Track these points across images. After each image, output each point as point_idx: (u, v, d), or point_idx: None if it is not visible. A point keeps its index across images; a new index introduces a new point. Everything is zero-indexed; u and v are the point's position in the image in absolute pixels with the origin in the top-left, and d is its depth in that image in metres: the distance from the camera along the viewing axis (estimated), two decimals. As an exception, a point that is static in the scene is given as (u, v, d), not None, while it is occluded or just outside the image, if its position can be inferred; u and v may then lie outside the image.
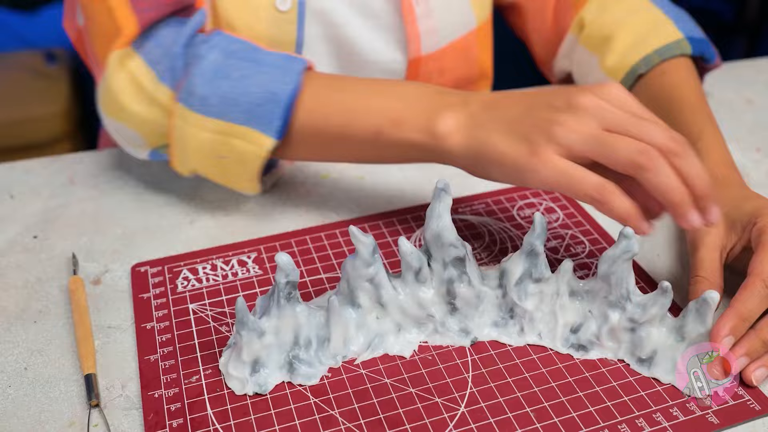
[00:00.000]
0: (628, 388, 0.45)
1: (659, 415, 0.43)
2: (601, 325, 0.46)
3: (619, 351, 0.46)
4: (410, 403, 0.44)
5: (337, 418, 0.43)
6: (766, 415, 0.43)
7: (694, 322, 0.44)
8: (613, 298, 0.45)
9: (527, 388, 0.45)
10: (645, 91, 0.65)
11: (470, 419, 0.43)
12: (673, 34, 0.66)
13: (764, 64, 0.86)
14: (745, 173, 0.65)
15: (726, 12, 1.93)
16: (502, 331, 0.48)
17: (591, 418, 0.43)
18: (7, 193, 0.63)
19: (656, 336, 0.45)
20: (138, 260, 0.55)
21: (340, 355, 0.46)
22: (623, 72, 0.67)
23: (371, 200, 0.62)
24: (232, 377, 0.44)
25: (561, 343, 0.47)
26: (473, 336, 0.47)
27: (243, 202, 0.62)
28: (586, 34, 0.71)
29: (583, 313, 0.47)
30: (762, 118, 0.74)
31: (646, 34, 0.67)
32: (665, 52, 0.65)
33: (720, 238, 0.50)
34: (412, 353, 0.47)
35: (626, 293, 0.45)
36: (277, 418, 0.43)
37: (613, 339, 0.46)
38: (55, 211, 0.61)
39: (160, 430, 0.42)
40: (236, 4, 0.61)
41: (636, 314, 0.45)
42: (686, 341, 0.45)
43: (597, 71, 0.70)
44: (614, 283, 0.45)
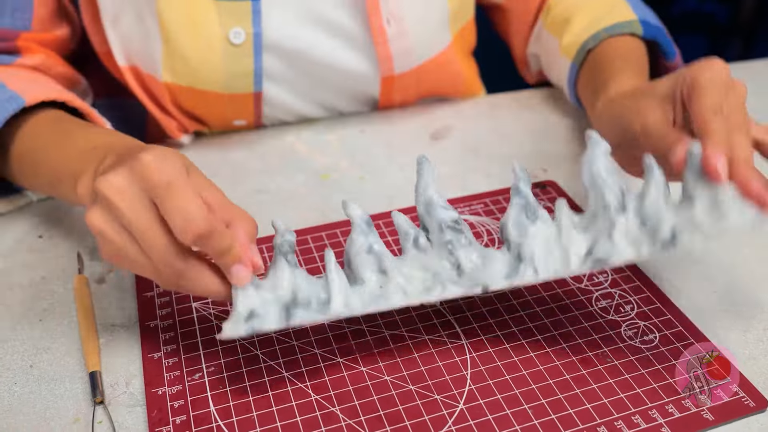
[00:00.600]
0: (624, 385, 0.45)
1: (655, 411, 0.43)
2: (613, 235, 0.44)
3: (641, 249, 0.43)
4: (410, 400, 0.44)
5: (337, 415, 0.43)
6: (760, 412, 0.43)
7: (692, 180, 0.43)
8: (611, 203, 0.43)
9: (525, 385, 0.45)
10: (588, 62, 0.65)
11: (469, 416, 0.43)
12: (627, 15, 0.66)
13: (759, 66, 0.86)
14: (740, 173, 0.65)
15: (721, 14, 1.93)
16: (515, 278, 0.45)
17: (588, 415, 0.43)
18: (13, 193, 0.63)
19: (666, 213, 0.43)
20: (142, 259, 0.55)
21: (342, 314, 0.44)
22: (575, 49, 0.67)
23: (371, 200, 0.62)
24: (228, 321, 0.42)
25: (578, 267, 0.44)
26: (483, 284, 0.44)
27: (243, 202, 0.62)
28: (550, 19, 0.71)
29: (593, 237, 0.44)
30: (757, 120, 0.74)
31: (602, 15, 0.67)
32: (614, 30, 0.65)
33: (664, 114, 0.48)
34: (411, 351, 0.47)
35: (620, 193, 0.44)
36: (279, 415, 0.43)
37: (630, 242, 0.44)
38: (60, 212, 0.61)
39: (164, 427, 0.42)
40: (189, 36, 0.61)
41: (639, 207, 0.43)
42: (694, 198, 0.43)
43: (557, 54, 0.70)
44: (602, 187, 0.43)
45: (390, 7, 0.65)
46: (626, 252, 0.43)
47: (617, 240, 0.43)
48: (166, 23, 0.61)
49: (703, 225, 0.42)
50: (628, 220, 0.43)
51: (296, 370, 0.46)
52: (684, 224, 0.42)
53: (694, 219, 0.42)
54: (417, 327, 0.49)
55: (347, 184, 0.64)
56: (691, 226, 0.42)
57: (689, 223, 0.42)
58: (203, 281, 0.41)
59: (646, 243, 0.43)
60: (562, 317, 0.50)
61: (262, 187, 0.64)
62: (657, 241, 0.43)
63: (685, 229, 0.42)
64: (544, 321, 0.49)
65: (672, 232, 0.42)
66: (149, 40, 0.62)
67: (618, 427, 0.42)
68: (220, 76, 0.64)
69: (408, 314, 0.50)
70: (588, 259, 0.44)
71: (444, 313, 0.50)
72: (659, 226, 0.43)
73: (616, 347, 0.47)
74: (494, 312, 0.50)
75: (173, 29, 0.61)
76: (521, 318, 0.49)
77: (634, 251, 0.43)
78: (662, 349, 0.47)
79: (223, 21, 0.61)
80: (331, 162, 0.67)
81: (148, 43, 0.63)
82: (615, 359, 0.46)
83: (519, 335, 0.48)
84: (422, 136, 0.71)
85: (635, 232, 0.43)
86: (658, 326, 0.49)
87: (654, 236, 0.43)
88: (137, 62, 0.65)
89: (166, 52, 0.62)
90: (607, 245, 0.43)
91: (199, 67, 0.63)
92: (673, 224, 0.43)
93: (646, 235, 0.43)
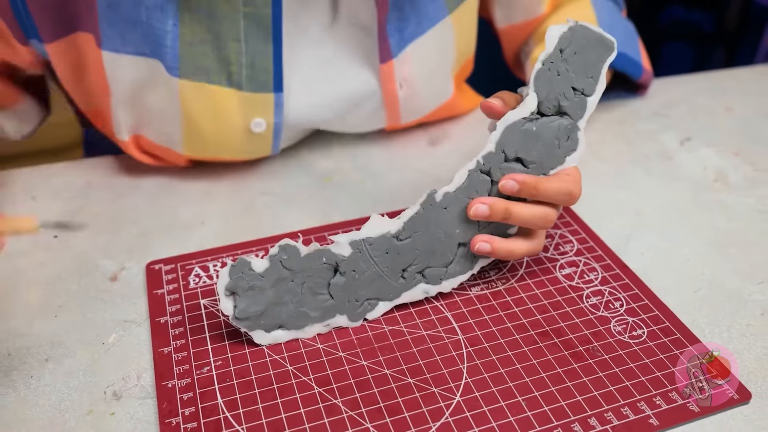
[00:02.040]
0: (613, 378, 0.45)
1: (643, 403, 0.43)
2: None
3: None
4: (408, 392, 0.44)
5: (339, 407, 0.43)
6: (744, 404, 0.43)
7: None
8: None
9: (519, 378, 0.45)
10: None
11: (465, 408, 0.43)
12: None
13: (742, 73, 0.86)
14: (724, 176, 0.66)
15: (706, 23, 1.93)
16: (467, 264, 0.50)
17: (579, 407, 0.43)
18: (29, 195, 0.63)
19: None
20: (152, 258, 0.55)
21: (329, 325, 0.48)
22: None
23: (370, 201, 0.62)
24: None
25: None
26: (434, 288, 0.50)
27: (250, 204, 0.62)
28: (539, 32, 0.71)
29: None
30: (740, 125, 0.74)
31: None
32: None
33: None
34: (409, 346, 0.47)
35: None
36: (284, 407, 0.43)
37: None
38: (74, 212, 0.61)
39: (173, 418, 0.42)
40: (210, 124, 0.59)
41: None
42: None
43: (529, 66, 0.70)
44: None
45: (403, 73, 0.64)
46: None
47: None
48: (188, 111, 0.58)
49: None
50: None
51: (300, 363, 0.46)
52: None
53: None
54: (416, 323, 0.49)
55: (349, 187, 0.64)
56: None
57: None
58: None
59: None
60: (554, 313, 0.50)
61: (267, 189, 0.64)
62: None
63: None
64: (537, 317, 0.49)
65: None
66: (167, 123, 0.60)
67: (608, 419, 0.42)
68: (238, 153, 0.63)
69: (407, 310, 0.50)
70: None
71: (441, 309, 0.50)
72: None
73: (606, 342, 0.47)
74: (490, 309, 0.50)
75: (194, 116, 0.58)
76: (515, 314, 0.50)
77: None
78: (650, 344, 0.47)
79: (245, 111, 0.59)
80: (334, 165, 0.68)
81: (165, 124, 0.60)
82: (605, 353, 0.47)
83: (513, 331, 0.48)
84: (420, 141, 0.71)
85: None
86: (646, 322, 0.49)
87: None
88: (150, 137, 0.62)
89: (186, 135, 0.60)
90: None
91: (218, 148, 0.61)
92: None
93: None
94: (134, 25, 0.53)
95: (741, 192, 0.64)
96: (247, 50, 0.56)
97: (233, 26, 0.55)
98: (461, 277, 0.50)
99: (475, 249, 0.48)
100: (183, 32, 0.54)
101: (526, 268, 0.54)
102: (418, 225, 0.48)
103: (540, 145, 0.48)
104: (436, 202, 0.48)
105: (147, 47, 0.54)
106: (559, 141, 0.48)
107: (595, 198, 0.62)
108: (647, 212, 0.61)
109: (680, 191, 0.64)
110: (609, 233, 0.58)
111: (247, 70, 0.57)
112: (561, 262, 0.54)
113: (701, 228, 0.59)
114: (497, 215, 0.47)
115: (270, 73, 0.57)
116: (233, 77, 0.57)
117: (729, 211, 0.61)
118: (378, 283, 0.48)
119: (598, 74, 0.49)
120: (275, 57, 0.57)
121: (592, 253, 0.55)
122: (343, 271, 0.47)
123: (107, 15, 0.52)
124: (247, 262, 0.45)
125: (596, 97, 0.49)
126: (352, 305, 0.48)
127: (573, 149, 0.49)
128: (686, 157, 0.69)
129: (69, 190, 0.64)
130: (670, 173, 0.66)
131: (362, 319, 0.48)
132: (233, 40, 0.55)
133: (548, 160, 0.49)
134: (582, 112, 0.48)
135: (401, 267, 0.48)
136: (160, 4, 0.52)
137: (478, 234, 0.49)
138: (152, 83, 0.57)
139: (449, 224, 0.48)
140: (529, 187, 0.47)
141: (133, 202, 0.62)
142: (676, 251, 0.56)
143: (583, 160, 0.67)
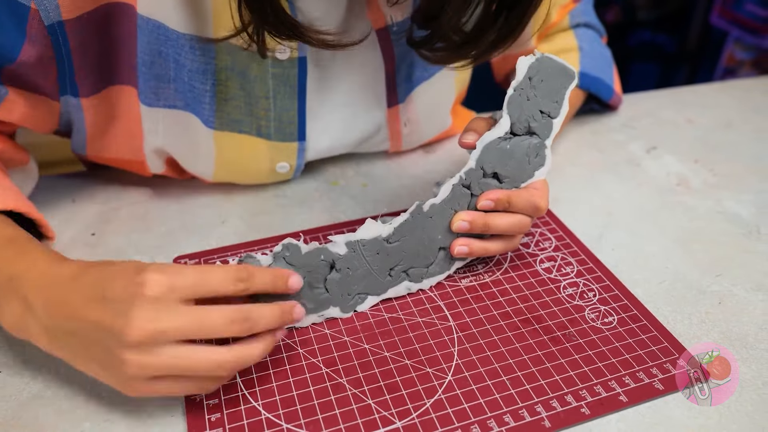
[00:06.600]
0: (587, 360, 0.45)
1: (613, 382, 0.43)
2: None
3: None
4: (406, 372, 0.44)
5: (345, 385, 0.43)
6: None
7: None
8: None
9: (503, 360, 0.45)
10: None
11: (456, 386, 0.43)
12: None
13: (702, 89, 0.86)
14: (686, 181, 0.66)
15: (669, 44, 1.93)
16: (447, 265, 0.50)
17: (557, 385, 0.43)
18: (69, 198, 0.63)
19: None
20: (178, 254, 0.55)
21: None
22: None
23: (373, 204, 0.62)
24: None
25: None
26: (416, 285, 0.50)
27: (266, 205, 0.62)
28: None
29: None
30: (700, 135, 0.74)
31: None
32: None
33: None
34: (407, 331, 0.47)
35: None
36: (295, 385, 0.43)
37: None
38: (110, 213, 0.61)
39: (197, 395, 0.42)
40: (240, 167, 0.59)
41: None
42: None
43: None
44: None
45: (408, 114, 0.63)
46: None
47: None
48: (221, 155, 0.57)
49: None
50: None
51: (309, 347, 0.46)
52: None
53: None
54: (412, 311, 0.49)
55: (353, 190, 0.64)
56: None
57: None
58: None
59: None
60: (535, 302, 0.50)
61: (281, 192, 0.64)
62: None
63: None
64: (520, 306, 0.49)
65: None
66: (199, 164, 0.59)
67: (582, 395, 0.42)
68: (262, 182, 0.63)
69: (404, 300, 0.50)
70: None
71: (435, 299, 0.50)
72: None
73: (581, 328, 0.47)
74: (478, 298, 0.50)
75: (226, 159, 0.58)
76: (500, 303, 0.50)
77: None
78: (620, 329, 0.47)
79: (272, 157, 0.59)
80: (340, 171, 0.68)
81: (197, 164, 0.59)
82: (579, 338, 0.47)
83: (498, 318, 0.48)
84: (416, 150, 0.71)
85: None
86: (616, 310, 0.49)
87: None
88: (182, 166, 0.60)
89: (216, 172, 0.59)
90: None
91: (245, 181, 0.62)
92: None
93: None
94: (169, 82, 0.52)
95: (701, 195, 0.64)
96: (275, 106, 0.56)
97: (263, 85, 0.54)
98: (440, 276, 0.51)
99: (455, 252, 0.49)
100: (219, 90, 0.54)
101: (510, 263, 0.54)
102: (407, 230, 0.48)
103: (513, 161, 0.48)
104: (424, 212, 0.48)
105: (179, 101, 0.53)
106: (529, 157, 0.49)
107: (571, 200, 0.62)
108: (617, 213, 0.61)
109: (647, 194, 0.64)
110: (584, 231, 0.58)
111: (275, 123, 0.57)
112: (541, 257, 0.54)
113: (665, 227, 0.59)
114: (477, 229, 0.49)
115: (295, 125, 0.57)
116: (262, 129, 0.57)
117: (690, 212, 0.61)
118: (368, 280, 0.48)
119: (562, 99, 0.49)
120: (299, 111, 0.57)
121: (568, 249, 0.55)
122: (338, 268, 0.47)
123: (144, 73, 0.51)
124: (254, 258, 0.45)
125: (561, 119, 0.49)
126: (344, 299, 0.48)
127: (541, 164, 0.49)
128: (652, 164, 0.69)
129: (104, 193, 0.64)
130: (638, 178, 0.66)
131: (353, 311, 0.49)
132: (263, 98, 0.55)
133: (520, 175, 0.49)
134: (549, 132, 0.49)
135: (389, 266, 0.48)
136: (202, 68, 0.52)
137: (457, 238, 0.49)
138: (188, 134, 0.56)
139: (433, 231, 0.49)
140: (503, 203, 0.48)
141: (161, 203, 0.62)
142: (643, 247, 0.56)
143: (561, 166, 0.67)
